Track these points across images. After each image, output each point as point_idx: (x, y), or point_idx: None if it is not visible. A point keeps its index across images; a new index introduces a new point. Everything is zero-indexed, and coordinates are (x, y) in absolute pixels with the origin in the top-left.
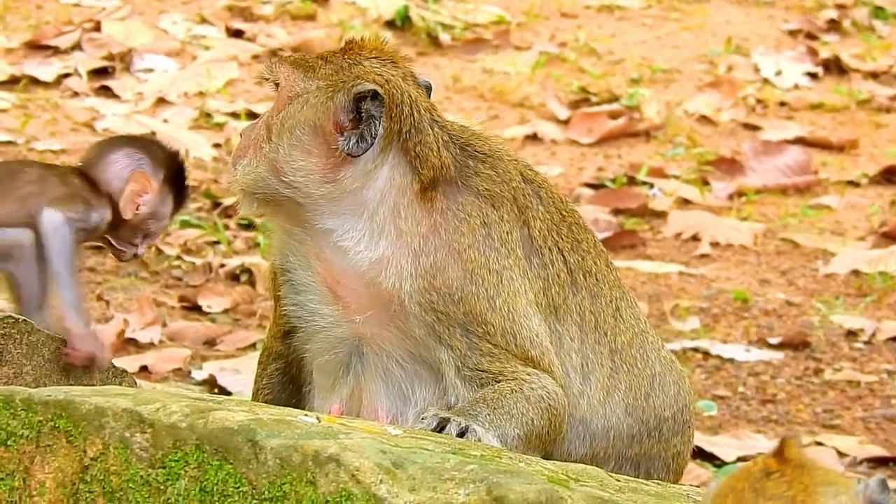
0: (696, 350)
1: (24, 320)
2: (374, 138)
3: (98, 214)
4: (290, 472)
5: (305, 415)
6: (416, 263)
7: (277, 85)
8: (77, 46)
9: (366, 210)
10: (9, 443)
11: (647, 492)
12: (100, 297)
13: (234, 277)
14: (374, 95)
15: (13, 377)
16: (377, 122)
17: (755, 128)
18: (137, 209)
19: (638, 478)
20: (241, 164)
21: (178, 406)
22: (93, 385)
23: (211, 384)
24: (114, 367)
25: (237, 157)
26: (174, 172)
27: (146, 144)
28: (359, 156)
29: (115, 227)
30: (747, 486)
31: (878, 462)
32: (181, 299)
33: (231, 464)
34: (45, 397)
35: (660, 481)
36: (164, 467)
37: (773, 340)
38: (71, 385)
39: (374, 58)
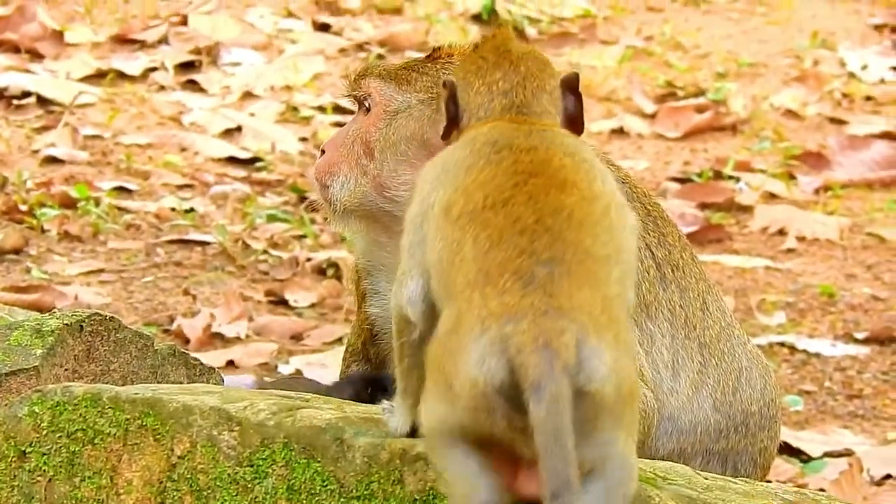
0: (782, 345)
1: (112, 317)
2: None
3: None
4: (378, 471)
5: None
6: None
7: (360, 101)
8: (164, 40)
9: None
10: (96, 441)
11: (735, 490)
12: (186, 292)
13: (320, 272)
14: None
15: (100, 374)
16: None
17: (841, 122)
18: None
19: (725, 473)
20: (335, 182)
21: (266, 404)
22: (180, 382)
23: None
24: (201, 364)
25: (326, 173)
26: None
27: None
28: None
29: None
30: None
31: None
32: (267, 293)
33: (319, 462)
34: (132, 395)
35: (747, 479)
36: (251, 465)
37: (860, 335)
38: (158, 382)
39: None
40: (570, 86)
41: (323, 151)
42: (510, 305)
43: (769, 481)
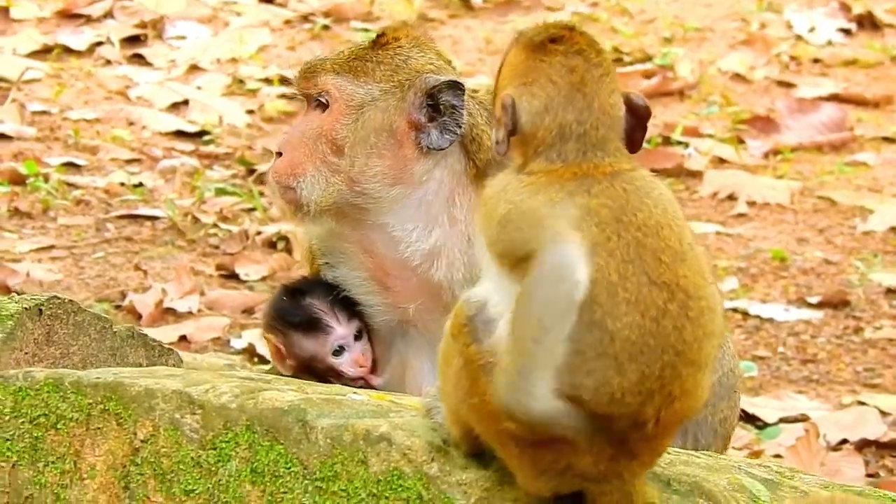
0: (735, 310)
1: (71, 301)
2: (461, 127)
3: None
4: (342, 452)
5: (355, 393)
6: (469, 252)
7: (314, 97)
8: (109, 14)
9: (423, 202)
10: (58, 426)
11: (699, 464)
12: (137, 267)
13: (270, 245)
14: (451, 85)
15: (60, 357)
16: (460, 111)
17: (789, 85)
18: None
19: (686, 444)
20: (303, 183)
21: (228, 387)
22: (140, 364)
23: (250, 353)
24: (160, 345)
25: (290, 175)
26: None
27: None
28: (444, 148)
29: None
30: None
31: None
32: (218, 267)
33: (282, 444)
34: (94, 380)
35: (709, 452)
36: (214, 448)
37: (813, 299)
38: (118, 364)
39: (415, 46)
40: (635, 113)
41: (279, 153)
42: None
43: (729, 449)
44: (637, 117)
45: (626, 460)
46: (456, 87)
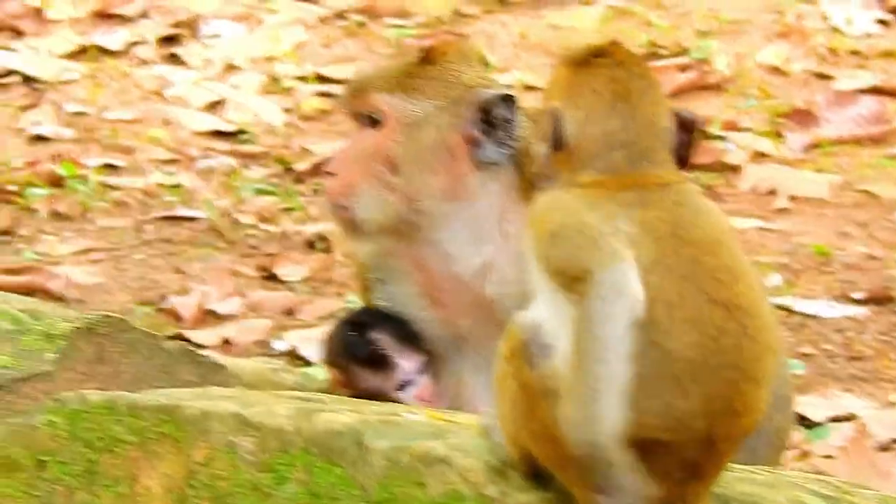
0: (779, 307)
1: (122, 319)
2: (516, 140)
3: None
4: (399, 474)
5: (411, 412)
6: (521, 267)
7: (361, 115)
8: (144, 14)
9: (476, 217)
10: (114, 449)
11: (757, 482)
12: (178, 269)
13: (309, 245)
14: (504, 98)
15: (111, 376)
16: (514, 125)
17: (827, 77)
18: None
19: (741, 457)
20: (359, 202)
21: (284, 408)
22: (191, 380)
23: (292, 356)
24: (210, 361)
25: (345, 195)
26: None
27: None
28: (499, 163)
29: None
30: None
31: None
32: (258, 268)
33: (340, 466)
34: (149, 402)
35: (769, 468)
36: (271, 471)
37: (857, 295)
38: (168, 381)
39: (463, 60)
40: (685, 128)
41: (330, 173)
42: None
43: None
44: (687, 132)
45: (694, 482)
46: (509, 100)
